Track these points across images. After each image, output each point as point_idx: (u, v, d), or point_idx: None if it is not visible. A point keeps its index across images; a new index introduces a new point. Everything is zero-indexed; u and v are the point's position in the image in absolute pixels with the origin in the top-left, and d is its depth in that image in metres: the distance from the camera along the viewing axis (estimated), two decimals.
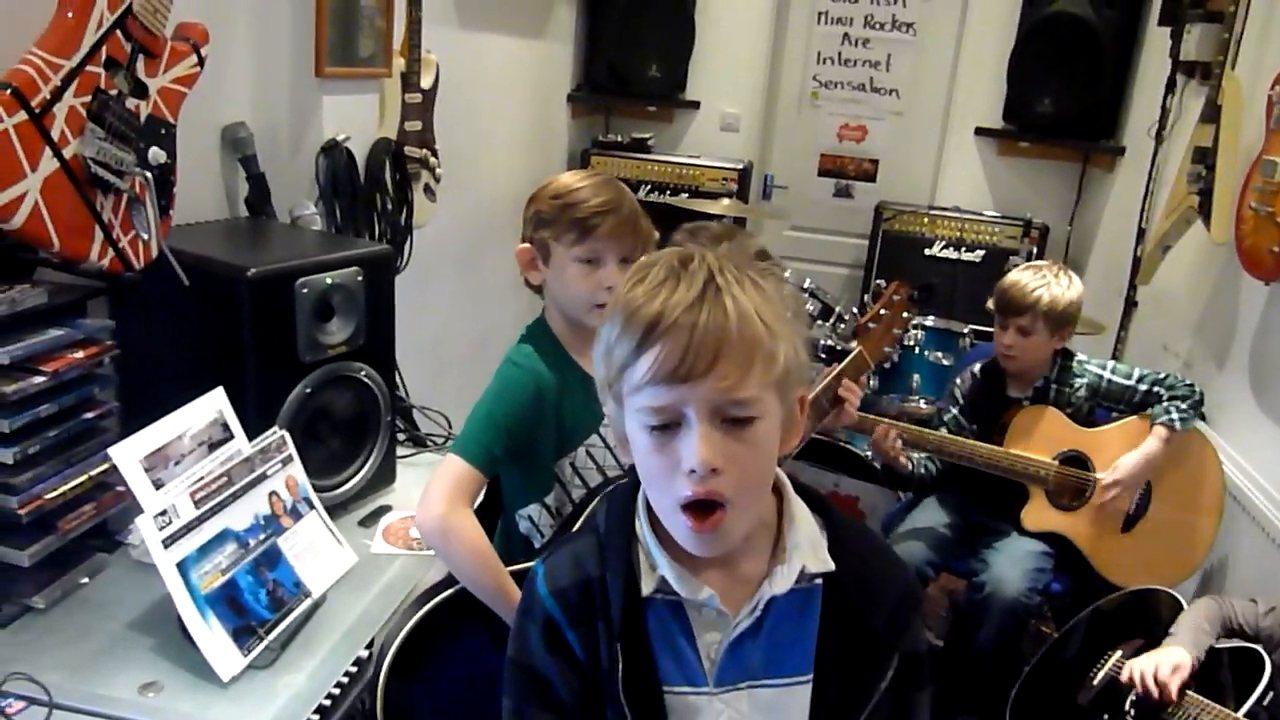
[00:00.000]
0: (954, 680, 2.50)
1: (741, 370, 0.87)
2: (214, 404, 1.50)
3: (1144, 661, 1.84)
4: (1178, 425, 2.34)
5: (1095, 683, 2.01)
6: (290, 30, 1.99)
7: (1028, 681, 2.22)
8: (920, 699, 1.06)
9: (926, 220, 4.30)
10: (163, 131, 1.57)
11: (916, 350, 3.11)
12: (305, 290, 1.62)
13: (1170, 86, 3.39)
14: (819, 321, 3.20)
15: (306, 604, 1.51)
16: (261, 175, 2.00)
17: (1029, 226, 3.58)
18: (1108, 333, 3.54)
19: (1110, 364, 2.46)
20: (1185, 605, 1.99)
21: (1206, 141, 2.80)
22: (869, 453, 2.87)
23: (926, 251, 4.27)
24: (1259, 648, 1.79)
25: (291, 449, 1.61)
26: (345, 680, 1.45)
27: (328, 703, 1.41)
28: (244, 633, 1.39)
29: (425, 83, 2.50)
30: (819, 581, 1.00)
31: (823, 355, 3.12)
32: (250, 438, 1.56)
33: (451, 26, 2.93)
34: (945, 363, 3.01)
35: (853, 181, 4.76)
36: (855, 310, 3.22)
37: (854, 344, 2.00)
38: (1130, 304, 3.57)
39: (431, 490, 1.49)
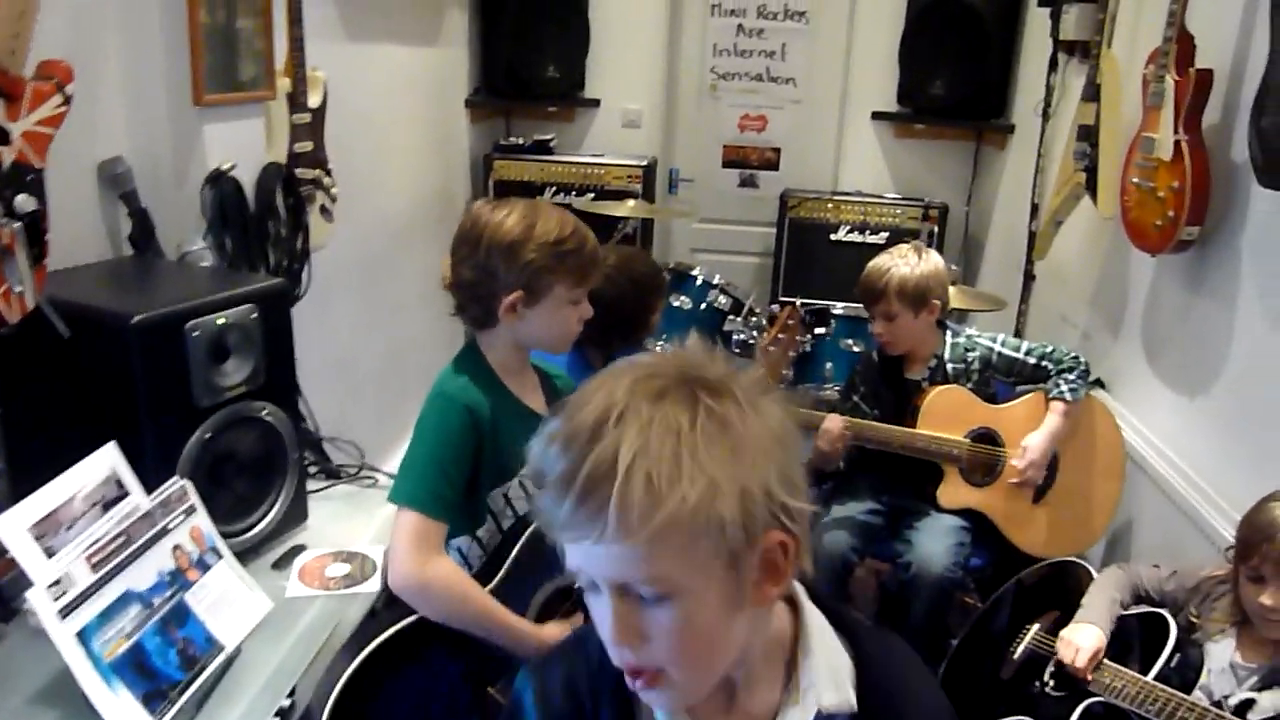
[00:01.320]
0: None
1: (634, 535, 0.73)
2: (106, 460, 1.44)
3: (1063, 648, 1.88)
4: (1069, 397, 2.43)
5: (1015, 657, 2.07)
6: (164, 59, 1.90)
7: (955, 658, 2.28)
8: None
9: (830, 206, 4.36)
10: (29, 178, 1.49)
11: (828, 338, 3.16)
12: (196, 333, 1.56)
13: (1053, 65, 3.50)
14: (731, 316, 3.23)
15: (220, 659, 1.46)
16: (144, 211, 1.91)
17: (927, 208, 3.65)
18: (1010, 307, 3.64)
19: (1000, 336, 2.53)
20: (1095, 575, 2.06)
21: (1089, 119, 2.90)
22: None
23: (832, 237, 4.34)
24: (1164, 612, 1.86)
25: (194, 498, 1.55)
26: None
27: None
28: (155, 697, 1.34)
29: (313, 101, 2.43)
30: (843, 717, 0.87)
31: (735, 349, 3.16)
32: (149, 490, 1.49)
33: (338, 40, 2.86)
34: (856, 349, 3.06)
35: (757, 171, 4.81)
36: (759, 314, 3.25)
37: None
38: (1029, 278, 3.68)
39: (397, 552, 1.46)
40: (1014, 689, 2.03)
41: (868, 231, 4.33)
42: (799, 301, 3.28)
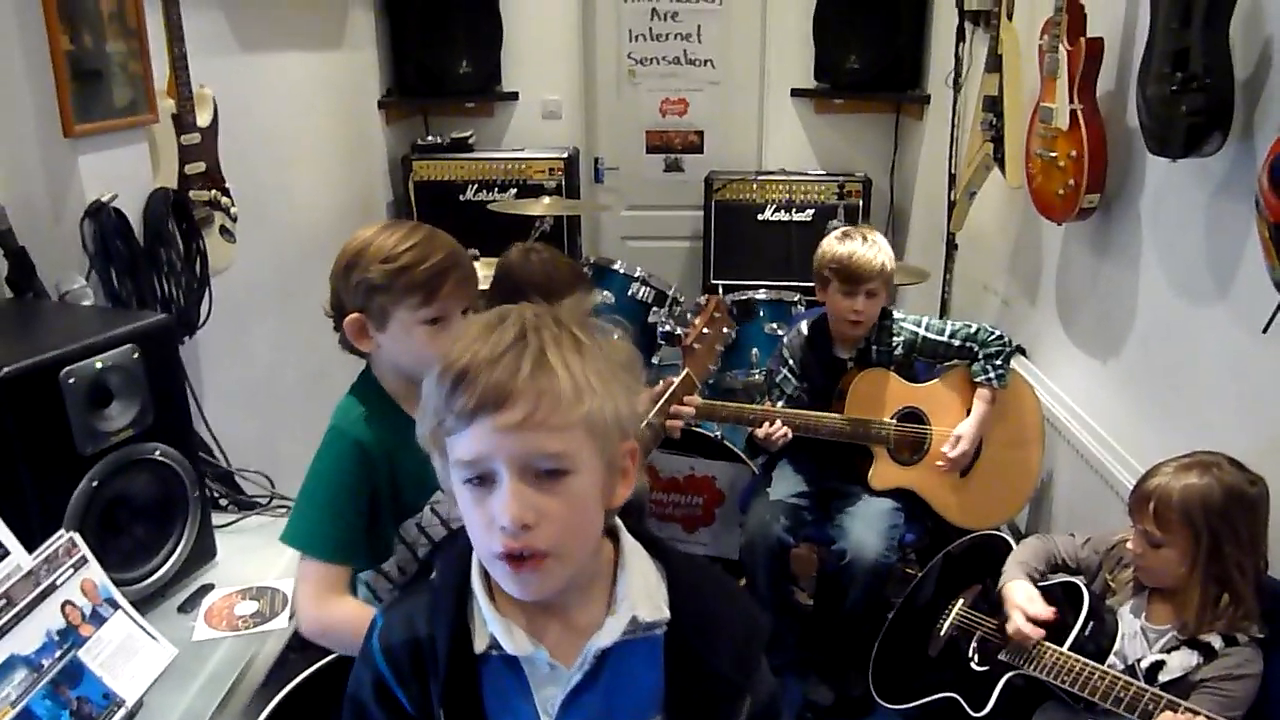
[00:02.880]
0: (827, 640, 2.58)
1: (546, 418, 0.87)
2: None
3: (1017, 618, 1.88)
4: (996, 384, 2.46)
5: (942, 634, 2.10)
6: (29, 91, 1.83)
7: (888, 635, 2.30)
8: None
9: (755, 186, 4.36)
10: None
11: (753, 324, 3.15)
12: (73, 380, 1.51)
13: (960, 36, 3.52)
14: (655, 308, 3.22)
15: (120, 715, 1.42)
16: (22, 251, 1.84)
17: (843, 185, 3.66)
18: (934, 278, 3.67)
19: (925, 320, 2.55)
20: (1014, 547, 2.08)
21: (993, 90, 2.92)
22: (718, 433, 2.91)
23: (759, 217, 4.34)
24: (1078, 580, 1.89)
25: (84, 550, 1.50)
26: None
27: None
28: None
29: (203, 120, 2.36)
30: (660, 631, 0.99)
31: (661, 340, 3.15)
32: (35, 546, 1.44)
33: (230, 53, 2.78)
34: (781, 333, 3.06)
35: (681, 155, 4.79)
36: (682, 303, 3.23)
37: (681, 365, 2.01)
38: (951, 248, 3.72)
39: (298, 600, 1.45)
40: (942, 665, 2.06)
41: (794, 210, 4.34)
42: (722, 288, 3.29)
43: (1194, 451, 1.77)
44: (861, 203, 4.30)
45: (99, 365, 1.55)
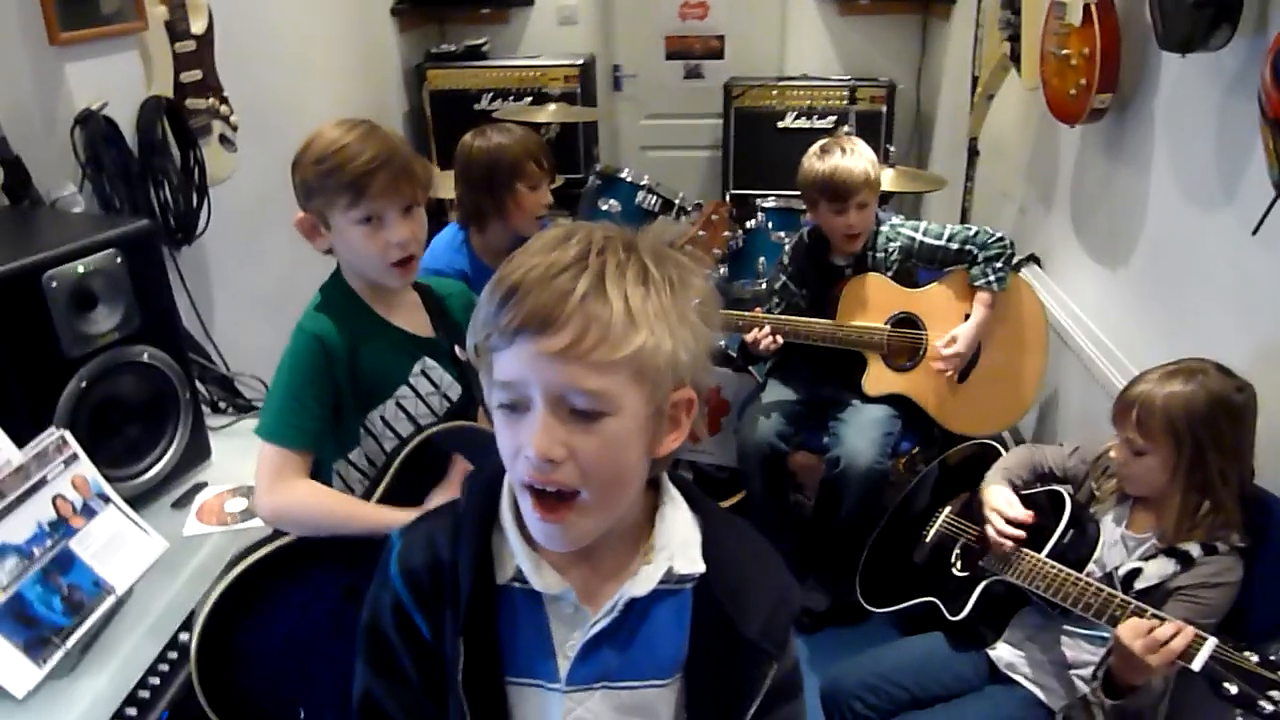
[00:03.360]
0: (824, 547, 2.61)
1: (589, 351, 0.80)
2: None
3: (995, 520, 1.89)
4: (995, 288, 2.42)
5: (928, 540, 2.11)
6: (14, 1, 1.84)
7: (878, 541, 2.32)
8: (797, 708, 1.03)
9: (775, 92, 4.25)
10: None
11: (759, 232, 3.12)
12: (55, 284, 1.55)
13: None
14: (661, 216, 3.19)
15: (109, 602, 1.50)
16: (17, 160, 1.88)
17: (853, 90, 3.55)
18: (955, 186, 3.59)
19: (921, 225, 2.50)
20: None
21: None
22: (724, 342, 2.91)
23: (779, 124, 4.24)
24: (1061, 488, 1.88)
25: (74, 447, 1.57)
26: (165, 670, 1.46)
27: (145, 695, 1.41)
28: (37, 644, 1.38)
29: (197, 28, 2.35)
30: (689, 586, 0.94)
31: None
32: (25, 445, 1.50)
33: None
34: (789, 242, 3.02)
35: (702, 61, 4.68)
36: (689, 212, 3.19)
37: None
38: (972, 154, 3.61)
39: (257, 487, 1.48)
40: (926, 572, 2.08)
41: (814, 116, 4.23)
42: (727, 195, 3.23)
43: (1181, 359, 1.74)
44: (885, 109, 4.18)
45: (81, 269, 1.59)
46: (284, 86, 3.06)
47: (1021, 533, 1.82)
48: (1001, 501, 1.88)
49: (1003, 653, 1.85)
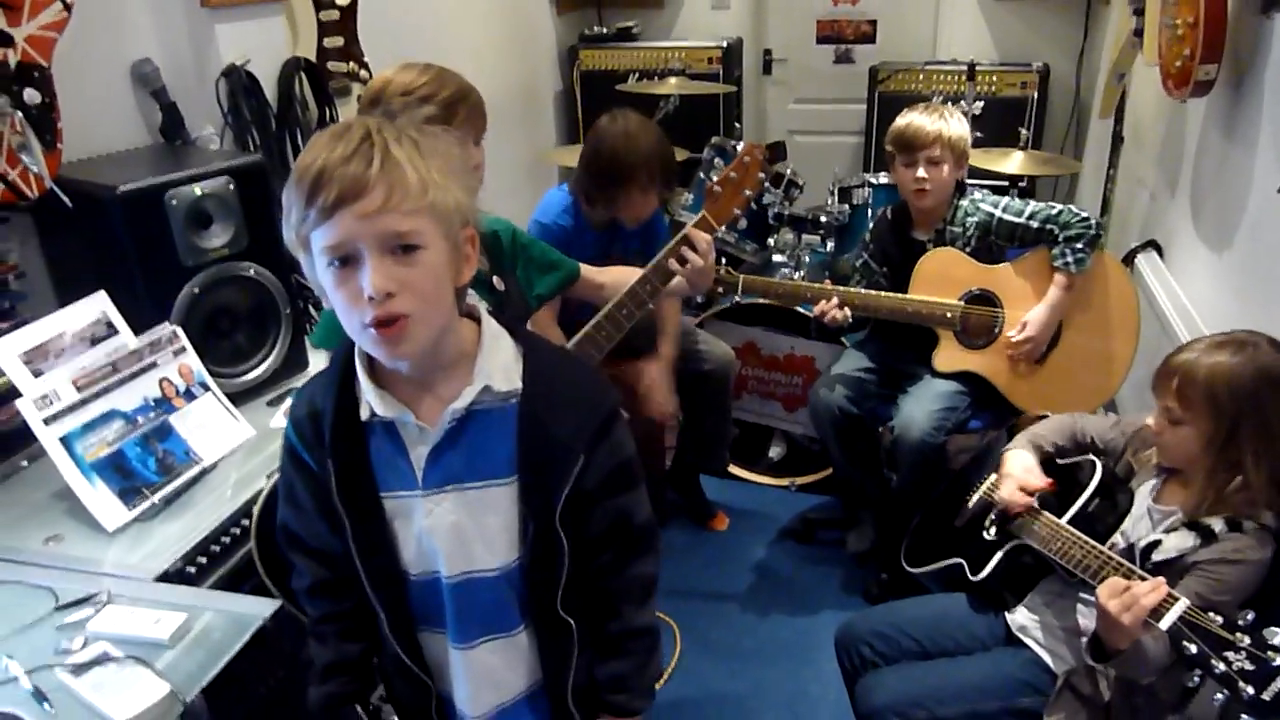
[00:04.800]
0: (893, 519, 2.62)
1: (399, 204, 1.01)
2: (96, 305, 1.76)
3: (1005, 485, 1.90)
4: (1073, 269, 2.35)
5: (970, 505, 2.10)
6: None
7: (932, 507, 2.32)
8: (623, 501, 1.21)
9: (922, 77, 4.20)
10: (35, 75, 1.80)
11: (868, 209, 3.13)
12: (174, 202, 1.85)
13: None
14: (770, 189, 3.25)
15: (196, 469, 1.78)
16: (173, 105, 2.22)
17: (973, 69, 3.46)
18: (1098, 171, 3.44)
19: (1003, 201, 2.45)
20: None
21: None
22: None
23: None
24: (1092, 457, 1.84)
25: (183, 341, 1.87)
26: (237, 532, 1.72)
27: (216, 549, 1.67)
28: (130, 493, 1.67)
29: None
30: (514, 400, 1.15)
31: (773, 222, 3.20)
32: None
33: None
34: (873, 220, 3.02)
35: (852, 45, 4.67)
36: (801, 188, 3.25)
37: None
38: (1116, 140, 3.45)
39: None
40: (964, 535, 2.07)
41: (963, 102, 4.14)
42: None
43: (1235, 330, 1.67)
44: (1036, 94, 4.05)
45: (198, 192, 1.88)
46: (429, 58, 3.34)
47: (1031, 499, 1.81)
48: (1019, 468, 1.86)
49: (1018, 616, 1.84)
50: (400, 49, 3.04)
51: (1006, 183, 3.34)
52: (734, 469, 3.25)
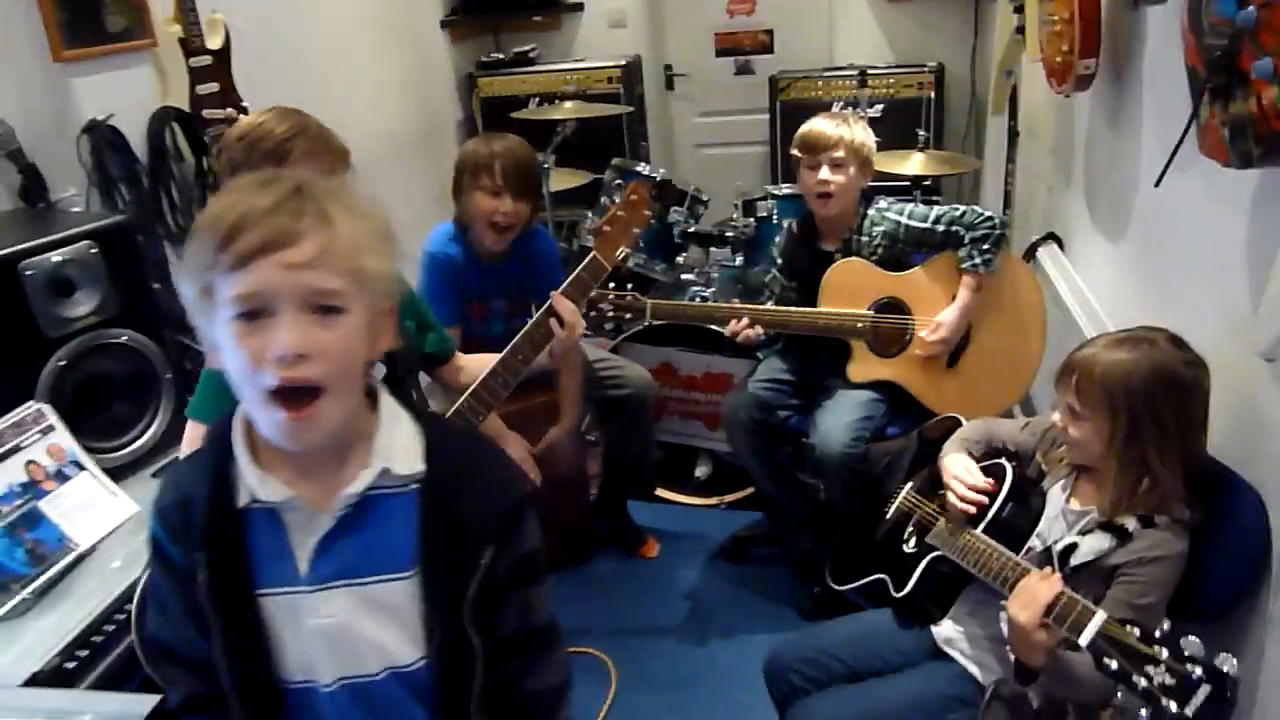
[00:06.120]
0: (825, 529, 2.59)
1: (328, 261, 0.94)
2: None
3: (956, 487, 1.86)
4: (982, 270, 2.35)
5: (888, 517, 2.08)
6: (21, 20, 2.06)
7: (852, 520, 2.29)
8: (532, 594, 1.12)
9: (820, 84, 4.22)
10: None
11: (773, 220, 3.12)
12: (30, 271, 1.73)
13: None
14: (675, 208, 3.22)
15: (71, 556, 1.67)
16: (31, 166, 2.10)
17: (864, 75, 3.49)
18: (997, 169, 3.48)
19: (907, 208, 2.45)
20: None
21: None
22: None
23: None
24: (1002, 461, 1.82)
25: (52, 419, 1.75)
26: (122, 618, 1.61)
27: (99, 639, 1.56)
28: None
29: (213, 43, 2.55)
30: (414, 486, 1.05)
31: (679, 240, 3.17)
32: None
33: None
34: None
35: (751, 56, 4.69)
36: (705, 204, 3.23)
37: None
38: (1013, 135, 3.50)
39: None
40: (884, 548, 2.05)
41: (859, 107, 4.17)
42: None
43: (1137, 326, 1.67)
44: (933, 95, 4.10)
45: (56, 259, 1.77)
46: (318, 98, 3.25)
47: (983, 498, 1.78)
48: (961, 469, 1.83)
49: (944, 629, 1.81)
50: (287, 90, 2.93)
51: (909, 184, 3.36)
52: (662, 491, 3.20)
